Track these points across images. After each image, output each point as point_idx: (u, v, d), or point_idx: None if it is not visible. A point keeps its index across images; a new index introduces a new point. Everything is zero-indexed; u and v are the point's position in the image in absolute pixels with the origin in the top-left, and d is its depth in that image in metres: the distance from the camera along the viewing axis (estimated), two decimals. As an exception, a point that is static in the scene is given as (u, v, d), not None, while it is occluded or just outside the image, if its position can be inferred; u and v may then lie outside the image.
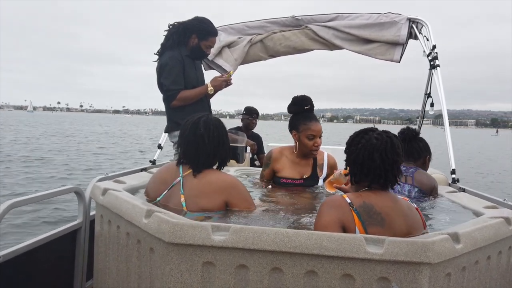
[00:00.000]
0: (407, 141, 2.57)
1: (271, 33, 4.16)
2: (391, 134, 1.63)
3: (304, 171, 2.61)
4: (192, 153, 1.93)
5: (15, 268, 1.85)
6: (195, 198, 1.85)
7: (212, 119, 1.99)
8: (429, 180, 2.47)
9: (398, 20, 3.78)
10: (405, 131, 2.63)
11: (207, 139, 1.91)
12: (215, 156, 1.96)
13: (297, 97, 2.64)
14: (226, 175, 2.00)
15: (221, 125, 2.00)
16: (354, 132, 1.70)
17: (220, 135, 1.96)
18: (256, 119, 5.09)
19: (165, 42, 3.12)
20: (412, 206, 1.63)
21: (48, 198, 2.13)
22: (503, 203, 2.13)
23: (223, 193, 1.88)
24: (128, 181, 2.28)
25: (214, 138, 1.93)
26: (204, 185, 1.88)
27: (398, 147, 1.59)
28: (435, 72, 3.55)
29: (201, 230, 1.37)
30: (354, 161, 1.61)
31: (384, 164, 1.55)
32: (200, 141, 1.91)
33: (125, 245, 1.71)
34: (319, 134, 2.54)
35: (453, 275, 1.39)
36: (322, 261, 1.32)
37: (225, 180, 1.93)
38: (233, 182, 1.95)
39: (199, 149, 1.91)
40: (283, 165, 2.63)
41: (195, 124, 1.94)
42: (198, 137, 1.92)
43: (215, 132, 1.94)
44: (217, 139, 1.95)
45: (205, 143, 1.91)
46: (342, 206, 1.52)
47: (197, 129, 1.92)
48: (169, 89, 3.01)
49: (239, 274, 1.37)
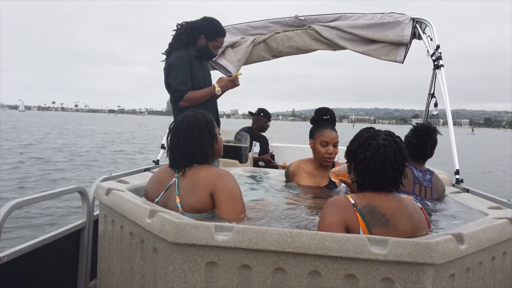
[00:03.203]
0: (427, 138, 2.50)
1: (274, 33, 4.16)
2: (395, 137, 1.61)
3: (321, 181, 2.62)
4: (173, 153, 1.91)
5: (19, 267, 1.86)
6: (187, 198, 1.82)
7: (189, 116, 1.92)
8: (443, 188, 2.45)
9: (402, 20, 3.77)
10: (422, 129, 2.53)
11: (180, 138, 1.88)
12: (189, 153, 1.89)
13: (319, 108, 2.74)
14: (215, 169, 1.91)
15: (197, 122, 1.91)
16: (356, 135, 1.66)
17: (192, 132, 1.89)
18: (268, 122, 5.17)
19: (173, 42, 3.11)
20: (417, 206, 1.62)
21: (52, 198, 2.14)
22: (507, 203, 2.12)
23: (208, 185, 1.81)
24: (132, 181, 2.28)
25: (189, 136, 1.88)
26: (194, 184, 1.83)
27: (405, 150, 1.59)
28: (439, 72, 3.53)
29: (204, 230, 1.37)
30: (364, 171, 1.56)
31: (396, 172, 1.54)
32: (175, 140, 1.90)
33: (128, 245, 1.71)
34: (332, 141, 2.55)
35: (457, 276, 1.39)
36: (326, 262, 1.32)
37: (212, 174, 1.85)
38: (220, 173, 1.87)
39: (175, 148, 1.89)
40: (300, 177, 2.66)
41: (175, 125, 1.93)
42: (175, 136, 1.90)
43: (190, 129, 1.88)
44: (192, 136, 1.88)
45: (179, 142, 1.88)
46: (346, 207, 1.51)
47: (175, 129, 1.92)
48: (176, 89, 3.01)
49: (242, 274, 1.37)
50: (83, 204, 2.30)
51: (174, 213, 1.54)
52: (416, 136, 2.52)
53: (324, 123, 2.63)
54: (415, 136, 2.53)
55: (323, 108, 2.71)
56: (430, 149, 2.51)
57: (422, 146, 2.51)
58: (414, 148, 2.52)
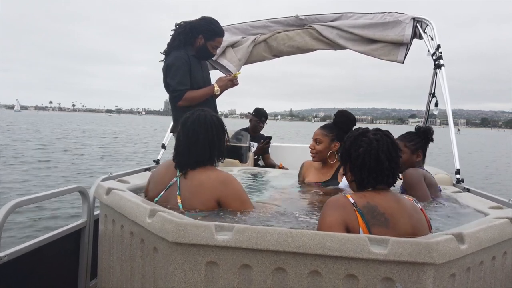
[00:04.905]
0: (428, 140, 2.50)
1: (274, 33, 4.16)
2: (385, 131, 1.64)
3: (324, 177, 2.76)
4: (181, 152, 1.89)
5: (20, 267, 1.86)
6: (190, 201, 1.82)
7: (204, 116, 1.91)
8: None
9: (403, 20, 3.77)
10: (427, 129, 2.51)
11: (199, 137, 1.87)
12: (206, 153, 1.89)
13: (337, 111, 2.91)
14: (218, 172, 1.90)
15: (214, 122, 1.92)
16: (347, 136, 1.68)
17: (212, 132, 1.89)
18: (264, 122, 4.99)
19: (171, 42, 3.11)
20: (417, 206, 1.62)
21: (52, 197, 2.14)
22: (508, 203, 2.12)
23: (214, 191, 1.81)
24: (132, 180, 2.28)
25: (204, 135, 1.87)
26: (196, 186, 1.83)
27: (397, 143, 1.62)
28: (440, 71, 3.53)
29: (205, 229, 1.37)
30: (361, 167, 1.57)
31: (391, 163, 1.55)
32: (193, 140, 1.87)
33: (129, 245, 1.71)
34: (313, 137, 2.74)
35: (458, 276, 1.39)
36: (326, 261, 1.32)
37: (216, 178, 1.85)
38: (224, 178, 1.86)
39: (190, 148, 1.87)
40: (309, 173, 2.85)
41: (185, 122, 1.92)
42: (188, 135, 1.89)
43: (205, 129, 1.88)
44: (210, 137, 1.88)
45: (199, 141, 1.86)
46: (346, 207, 1.51)
47: (185, 127, 1.90)
48: (175, 89, 3.01)
49: (242, 274, 1.36)
50: (84, 204, 2.30)
51: (174, 212, 1.54)
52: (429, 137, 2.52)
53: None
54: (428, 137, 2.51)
55: (339, 110, 2.90)
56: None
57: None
58: (426, 149, 2.53)
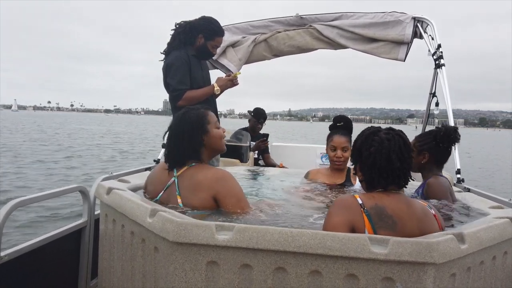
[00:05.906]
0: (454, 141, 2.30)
1: (275, 33, 4.16)
2: (398, 131, 1.60)
3: (337, 180, 2.73)
4: (167, 148, 1.96)
5: (20, 266, 1.86)
6: (188, 200, 1.82)
7: (182, 112, 1.97)
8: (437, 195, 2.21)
9: (403, 19, 3.77)
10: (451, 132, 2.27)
11: (171, 133, 1.94)
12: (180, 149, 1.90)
13: (336, 116, 2.87)
14: (215, 170, 1.92)
15: (190, 118, 1.93)
16: (358, 135, 1.65)
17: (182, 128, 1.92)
18: (262, 123, 4.99)
19: (171, 42, 3.12)
20: (429, 211, 1.56)
21: (53, 197, 2.14)
22: (508, 203, 2.12)
23: (211, 189, 1.81)
24: (133, 180, 2.28)
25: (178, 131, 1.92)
26: (194, 186, 1.83)
27: (409, 143, 1.58)
28: (440, 71, 3.53)
29: (205, 229, 1.37)
30: (371, 167, 1.54)
31: (403, 164, 1.52)
32: (169, 136, 1.95)
33: (129, 244, 1.72)
34: (340, 146, 2.68)
35: (458, 276, 1.38)
36: (326, 261, 1.32)
37: (212, 176, 1.85)
38: (221, 176, 1.86)
39: (168, 143, 1.94)
40: (317, 180, 2.78)
41: (171, 121, 1.99)
42: (168, 132, 1.96)
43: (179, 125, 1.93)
44: (181, 132, 1.91)
45: (171, 138, 1.93)
46: (353, 207, 1.48)
47: (170, 125, 1.97)
48: (175, 89, 3.01)
49: (243, 274, 1.37)
50: (84, 204, 2.30)
51: (175, 212, 1.54)
52: (446, 140, 2.29)
53: (338, 129, 2.77)
54: (445, 140, 2.28)
55: (338, 115, 2.88)
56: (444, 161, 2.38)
57: (449, 150, 2.34)
58: (442, 154, 2.33)
